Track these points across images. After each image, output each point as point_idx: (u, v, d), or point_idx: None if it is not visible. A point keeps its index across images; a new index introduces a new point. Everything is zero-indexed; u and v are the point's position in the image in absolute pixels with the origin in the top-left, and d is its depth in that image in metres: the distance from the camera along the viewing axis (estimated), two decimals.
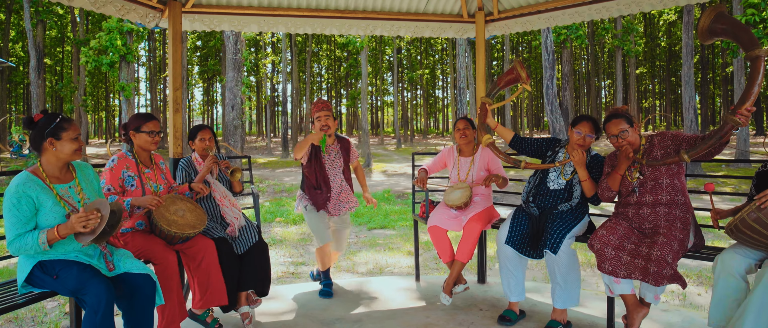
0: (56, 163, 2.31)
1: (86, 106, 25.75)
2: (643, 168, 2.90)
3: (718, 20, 2.45)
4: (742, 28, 2.39)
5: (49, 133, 2.25)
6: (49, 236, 2.16)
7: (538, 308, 3.48)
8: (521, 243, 3.15)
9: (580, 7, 3.95)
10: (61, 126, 2.26)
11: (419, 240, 4.36)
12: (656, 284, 2.56)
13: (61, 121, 2.27)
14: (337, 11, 4.28)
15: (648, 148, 2.92)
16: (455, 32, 4.57)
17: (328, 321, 3.32)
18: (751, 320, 2.31)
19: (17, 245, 2.15)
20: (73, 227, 2.13)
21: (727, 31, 2.43)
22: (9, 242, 2.17)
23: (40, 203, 2.20)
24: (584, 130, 3.14)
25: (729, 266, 2.51)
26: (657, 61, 41.65)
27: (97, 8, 3.19)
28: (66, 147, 2.27)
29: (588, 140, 3.16)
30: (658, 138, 2.90)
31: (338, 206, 3.85)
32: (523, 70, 3.23)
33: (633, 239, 2.80)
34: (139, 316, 2.35)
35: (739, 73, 16.45)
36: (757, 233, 2.32)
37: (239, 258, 3.16)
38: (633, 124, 2.89)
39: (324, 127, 3.65)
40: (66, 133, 2.26)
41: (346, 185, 3.91)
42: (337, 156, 3.85)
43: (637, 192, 2.91)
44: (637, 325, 2.82)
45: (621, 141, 2.87)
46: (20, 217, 2.16)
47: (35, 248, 2.16)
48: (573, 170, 3.23)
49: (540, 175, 3.34)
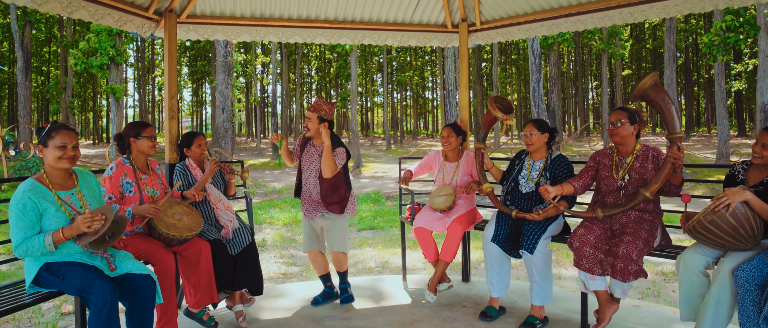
0: (53, 170, 2.44)
1: (73, 108, 25.60)
2: (630, 170, 3.09)
3: (655, 89, 2.73)
4: (669, 110, 2.72)
5: (40, 141, 2.42)
6: (55, 238, 2.30)
7: (517, 305, 3.68)
8: (505, 242, 3.34)
9: (557, 20, 4.16)
10: (48, 134, 2.40)
11: (406, 241, 4.55)
12: (623, 280, 2.78)
13: (49, 130, 2.41)
14: (327, 22, 4.46)
15: (640, 155, 3.08)
16: (440, 42, 4.77)
17: (318, 318, 3.49)
18: (710, 313, 2.54)
19: (24, 248, 2.29)
20: (77, 228, 2.28)
21: (656, 103, 2.74)
22: (16, 245, 2.30)
23: (44, 209, 2.34)
24: (526, 131, 3.45)
25: (690, 264, 2.72)
26: (643, 63, 42.27)
27: (96, 20, 3.33)
28: (49, 154, 2.40)
29: (532, 138, 3.42)
30: (653, 153, 3.06)
31: (313, 208, 3.70)
32: (496, 111, 3.46)
33: (606, 238, 3.01)
34: (141, 314, 2.50)
35: (720, 77, 16.86)
36: (712, 234, 2.53)
37: (233, 259, 3.32)
38: (635, 122, 3.07)
39: (304, 128, 3.69)
40: (52, 141, 2.39)
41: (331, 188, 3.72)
42: (319, 158, 3.69)
43: (622, 192, 3.09)
44: (608, 319, 3.03)
45: (613, 129, 3.07)
46: (27, 221, 2.30)
47: (41, 250, 2.30)
48: (539, 173, 3.44)
49: (513, 182, 3.55)
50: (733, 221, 2.45)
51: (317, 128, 3.62)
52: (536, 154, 3.51)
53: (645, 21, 35.44)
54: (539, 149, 3.49)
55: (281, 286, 4.37)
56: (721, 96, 16.61)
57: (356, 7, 4.41)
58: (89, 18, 3.27)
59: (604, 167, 3.19)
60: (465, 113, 4.53)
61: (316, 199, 3.70)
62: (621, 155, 3.14)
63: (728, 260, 2.55)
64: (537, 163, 3.49)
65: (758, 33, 14.64)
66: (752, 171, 2.76)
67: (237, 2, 4.10)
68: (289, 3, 4.21)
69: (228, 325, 3.38)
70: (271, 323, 3.43)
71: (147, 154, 3.11)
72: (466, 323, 3.38)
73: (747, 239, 2.49)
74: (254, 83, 33.16)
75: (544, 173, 3.42)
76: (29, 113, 20.65)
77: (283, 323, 3.42)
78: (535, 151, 3.49)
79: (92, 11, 3.26)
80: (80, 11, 3.18)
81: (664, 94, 2.73)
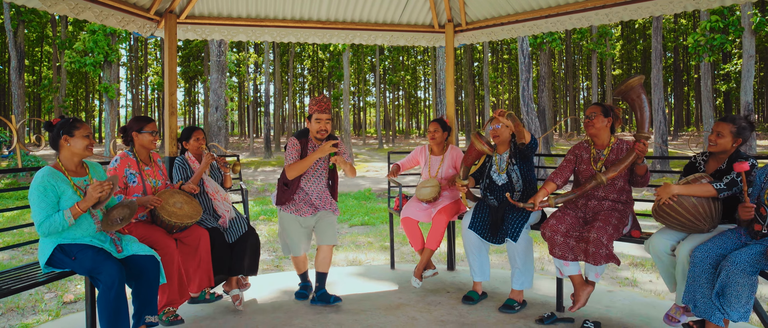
0: (71, 158, 2.70)
1: (65, 107, 25.60)
2: (607, 162, 3.30)
3: (638, 91, 2.99)
4: (643, 113, 3.02)
5: (64, 131, 2.65)
6: (73, 212, 2.54)
7: (499, 290, 3.91)
8: (483, 229, 3.57)
9: (538, 21, 4.39)
10: (74, 125, 2.68)
11: (395, 232, 4.76)
12: (595, 263, 3.01)
13: (74, 121, 2.70)
14: (319, 22, 4.67)
15: (615, 147, 3.30)
16: (427, 42, 4.99)
17: (310, 302, 3.70)
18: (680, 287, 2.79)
19: (47, 225, 2.51)
20: (91, 196, 2.52)
21: (635, 104, 3.01)
22: (40, 223, 2.52)
23: (62, 192, 2.58)
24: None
25: (656, 248, 2.96)
26: (634, 63, 42.77)
27: (100, 20, 3.52)
28: (79, 143, 2.67)
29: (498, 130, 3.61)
30: (627, 146, 3.28)
31: (309, 208, 3.67)
32: (482, 144, 3.60)
33: (578, 226, 3.23)
34: (146, 292, 2.71)
35: (706, 77, 17.24)
36: (675, 212, 2.79)
37: (230, 247, 3.53)
38: (608, 116, 3.28)
39: (321, 132, 3.56)
40: (78, 131, 2.67)
41: (326, 191, 3.76)
42: (324, 159, 3.69)
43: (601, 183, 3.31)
44: (582, 301, 3.25)
45: (588, 122, 3.30)
46: (48, 201, 2.53)
47: (62, 225, 2.52)
48: (506, 163, 3.66)
49: (487, 178, 3.77)
50: (693, 200, 2.72)
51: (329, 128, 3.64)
52: (502, 147, 3.72)
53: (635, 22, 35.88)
54: (505, 142, 3.69)
55: (274, 275, 4.57)
56: (707, 95, 16.99)
57: (347, 8, 4.62)
58: (94, 18, 3.46)
59: (582, 160, 3.41)
60: (451, 109, 4.75)
61: (313, 199, 3.67)
62: (598, 148, 3.36)
63: (687, 243, 2.79)
64: (503, 154, 3.71)
65: (742, 34, 15.00)
66: (711, 161, 3.01)
67: (233, 3, 4.30)
68: (283, 4, 4.42)
69: (225, 308, 3.58)
70: (266, 306, 3.63)
71: (148, 148, 3.32)
72: (450, 306, 3.59)
73: (706, 217, 2.75)
74: (247, 83, 33.27)
75: (510, 160, 3.64)
76: (23, 112, 20.68)
77: (276, 306, 3.63)
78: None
79: (97, 12, 3.45)
80: (86, 12, 3.38)
81: (642, 101, 2.99)
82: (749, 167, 2.63)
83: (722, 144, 2.89)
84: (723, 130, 2.88)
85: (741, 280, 2.42)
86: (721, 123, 2.91)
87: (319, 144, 3.65)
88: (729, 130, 2.87)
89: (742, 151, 2.94)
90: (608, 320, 3.32)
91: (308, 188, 3.69)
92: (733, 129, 2.87)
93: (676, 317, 2.83)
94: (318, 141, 3.65)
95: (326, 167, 3.74)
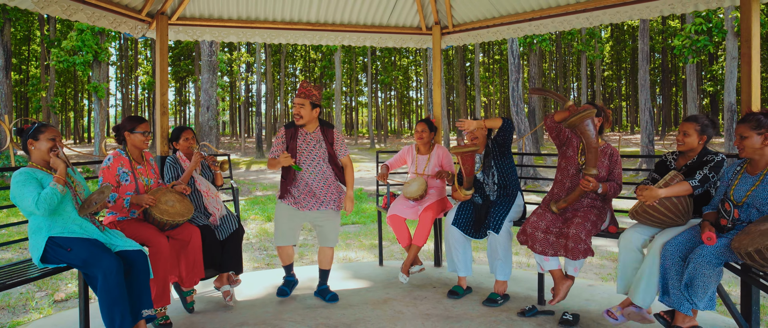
0: (40, 160, 2.82)
1: (54, 107, 25.42)
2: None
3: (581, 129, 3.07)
4: (593, 150, 3.12)
5: (30, 136, 2.81)
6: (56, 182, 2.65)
7: (483, 286, 4.02)
8: (466, 225, 3.68)
9: (522, 24, 4.52)
10: (39, 130, 2.82)
11: (383, 230, 4.86)
12: (573, 258, 3.13)
13: (39, 126, 2.84)
14: (309, 24, 4.76)
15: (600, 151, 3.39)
16: (415, 43, 5.10)
17: (299, 297, 3.79)
18: (643, 284, 2.90)
19: (41, 201, 2.59)
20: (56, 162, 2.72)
21: (583, 137, 3.10)
22: (35, 203, 2.58)
23: (41, 178, 2.72)
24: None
25: (628, 241, 3.08)
26: (623, 63, 43.19)
27: (92, 21, 3.58)
28: (43, 145, 2.80)
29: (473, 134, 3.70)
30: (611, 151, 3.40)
31: (311, 201, 3.64)
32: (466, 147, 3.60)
33: (557, 223, 3.36)
34: (140, 286, 2.79)
35: (691, 78, 17.52)
36: (656, 211, 2.91)
37: (221, 244, 3.61)
38: (599, 116, 3.40)
39: (296, 117, 3.50)
40: (43, 135, 2.81)
41: (330, 179, 3.68)
42: (316, 145, 3.62)
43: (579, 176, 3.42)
44: (562, 294, 3.36)
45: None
46: (32, 185, 2.64)
47: (56, 196, 2.61)
48: (482, 161, 3.79)
49: None
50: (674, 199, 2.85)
51: (311, 115, 3.52)
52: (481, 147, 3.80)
53: (624, 23, 36.28)
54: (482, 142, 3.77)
55: (264, 272, 4.65)
56: (693, 96, 17.27)
57: (337, 10, 4.72)
58: (86, 20, 3.53)
59: (572, 147, 3.53)
60: (437, 110, 4.86)
61: (313, 190, 3.62)
62: None
63: (661, 237, 2.92)
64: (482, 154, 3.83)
65: (725, 36, 15.27)
66: (680, 159, 3.16)
67: (224, 5, 4.38)
68: (273, 6, 4.50)
69: (215, 304, 3.66)
70: (256, 302, 3.71)
71: (140, 147, 3.39)
72: (436, 300, 3.70)
73: (683, 213, 2.89)
74: (239, 82, 33.21)
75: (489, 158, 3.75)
76: (10, 112, 20.49)
77: (266, 302, 3.71)
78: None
79: (89, 13, 3.51)
80: (78, 13, 3.44)
81: (589, 136, 3.07)
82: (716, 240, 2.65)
83: (689, 142, 3.06)
84: (688, 129, 3.06)
85: (707, 271, 2.55)
86: (685, 123, 3.09)
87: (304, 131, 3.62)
88: (694, 128, 3.05)
89: (708, 149, 3.10)
90: (587, 312, 3.44)
91: (307, 178, 3.62)
92: (697, 127, 3.05)
93: (616, 315, 3.01)
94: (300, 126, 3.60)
95: (322, 155, 3.63)
